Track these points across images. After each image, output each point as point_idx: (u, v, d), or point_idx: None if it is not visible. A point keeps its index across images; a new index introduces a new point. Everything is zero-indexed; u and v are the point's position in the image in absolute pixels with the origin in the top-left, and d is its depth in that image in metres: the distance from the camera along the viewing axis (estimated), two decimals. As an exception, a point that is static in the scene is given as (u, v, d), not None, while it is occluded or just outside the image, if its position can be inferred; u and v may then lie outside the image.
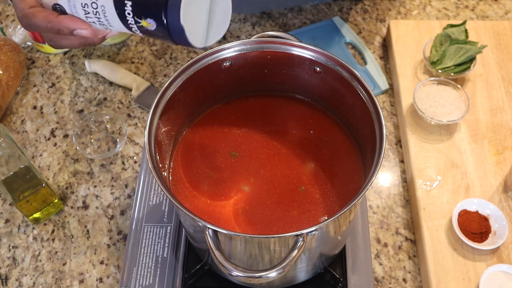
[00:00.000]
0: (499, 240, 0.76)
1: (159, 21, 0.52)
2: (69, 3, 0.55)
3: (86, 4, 0.54)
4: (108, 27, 0.56)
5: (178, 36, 0.52)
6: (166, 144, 0.69)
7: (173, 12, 0.51)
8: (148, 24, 0.52)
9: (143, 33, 0.54)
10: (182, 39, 0.53)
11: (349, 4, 1.12)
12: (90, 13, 0.55)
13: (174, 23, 0.51)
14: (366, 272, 0.75)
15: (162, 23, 0.52)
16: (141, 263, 0.76)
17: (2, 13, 1.13)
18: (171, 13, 0.51)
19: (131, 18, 0.53)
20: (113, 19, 0.54)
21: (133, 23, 0.53)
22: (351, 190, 0.67)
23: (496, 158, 0.86)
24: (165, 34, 0.53)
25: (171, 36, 0.52)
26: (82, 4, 0.55)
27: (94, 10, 0.54)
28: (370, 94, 0.64)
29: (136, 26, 0.53)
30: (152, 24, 0.52)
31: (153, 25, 0.52)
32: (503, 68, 0.97)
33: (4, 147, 0.71)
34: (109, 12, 0.54)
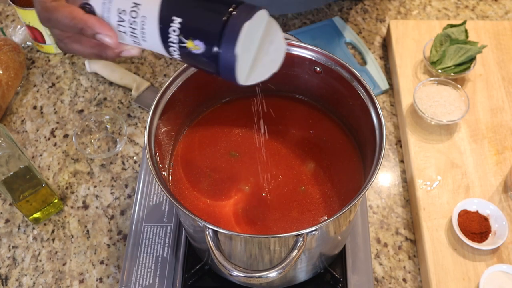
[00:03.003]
0: (499, 240, 0.76)
1: (210, 45, 0.46)
2: (104, 5, 0.50)
3: (124, 10, 0.49)
4: (140, 41, 0.50)
5: (225, 66, 0.47)
6: (166, 144, 0.69)
7: (230, 39, 0.45)
8: (195, 47, 0.47)
9: (182, 56, 0.49)
10: (228, 71, 0.47)
11: (349, 4, 1.12)
12: (125, 22, 0.49)
13: (227, 51, 0.45)
14: (366, 272, 0.75)
15: (212, 48, 0.46)
16: (141, 263, 0.76)
17: (2, 13, 1.13)
18: (227, 39, 0.45)
19: (175, 37, 0.47)
20: (151, 33, 0.49)
21: (175, 42, 0.48)
22: (351, 190, 0.67)
23: (496, 158, 0.86)
24: (210, 61, 0.47)
25: (217, 65, 0.47)
26: (119, 10, 0.49)
27: (132, 19, 0.49)
28: (370, 94, 0.64)
29: (178, 46, 0.48)
30: (200, 47, 0.46)
31: (200, 49, 0.47)
32: (503, 68, 0.97)
33: (4, 147, 0.71)
34: (150, 25, 0.48)
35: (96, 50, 0.52)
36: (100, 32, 0.49)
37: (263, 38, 0.49)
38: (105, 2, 0.50)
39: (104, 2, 0.50)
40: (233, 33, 0.45)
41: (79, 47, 0.53)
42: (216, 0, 0.47)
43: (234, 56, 0.46)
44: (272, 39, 0.50)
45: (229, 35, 0.45)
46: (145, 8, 0.48)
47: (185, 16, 0.47)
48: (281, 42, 0.51)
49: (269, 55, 0.50)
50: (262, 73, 0.51)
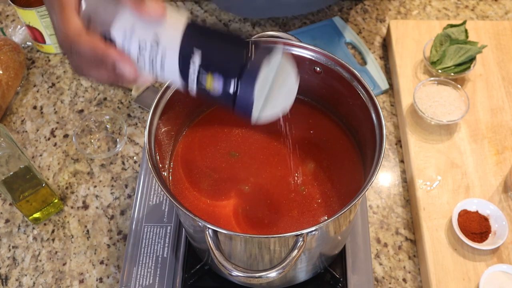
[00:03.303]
0: (499, 240, 0.76)
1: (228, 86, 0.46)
2: (125, 37, 0.50)
3: (145, 44, 0.49)
4: (157, 73, 0.50)
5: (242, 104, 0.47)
6: (166, 144, 0.69)
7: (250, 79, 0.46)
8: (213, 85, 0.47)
9: (199, 91, 0.49)
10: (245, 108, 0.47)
11: (349, 4, 1.12)
12: (145, 54, 0.49)
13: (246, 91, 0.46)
14: (366, 272, 0.75)
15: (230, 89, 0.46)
16: (141, 263, 0.76)
17: (2, 13, 1.13)
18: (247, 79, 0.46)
19: (195, 70, 0.47)
20: (171, 66, 0.49)
21: (194, 75, 0.48)
22: (351, 190, 0.67)
23: (496, 158, 0.86)
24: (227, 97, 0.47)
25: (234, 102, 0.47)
26: (139, 43, 0.49)
27: (152, 52, 0.49)
28: (370, 94, 0.64)
29: (197, 79, 0.48)
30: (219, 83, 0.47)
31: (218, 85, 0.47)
32: (503, 68, 0.97)
33: (4, 147, 0.71)
34: (170, 58, 0.48)
35: (113, 77, 0.53)
36: (120, 63, 0.50)
37: (278, 76, 0.49)
38: (127, 33, 0.50)
39: (126, 34, 0.50)
40: (252, 73, 0.46)
41: (96, 73, 0.53)
42: (235, 39, 0.48)
43: (252, 97, 0.46)
44: (285, 79, 0.50)
45: (248, 75, 0.46)
46: (166, 42, 0.48)
47: (206, 52, 0.47)
48: (293, 82, 0.51)
49: (282, 94, 0.51)
50: (274, 111, 0.51)
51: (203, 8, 1.11)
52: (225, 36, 0.48)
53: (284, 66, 0.50)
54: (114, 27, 0.50)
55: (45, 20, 0.98)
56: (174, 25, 0.49)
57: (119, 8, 0.50)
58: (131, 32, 0.49)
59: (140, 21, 0.49)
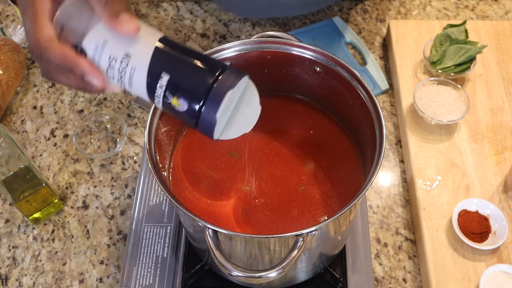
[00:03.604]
0: (499, 240, 0.76)
1: (193, 106, 0.48)
2: (96, 50, 0.51)
3: (115, 59, 0.50)
4: (126, 87, 0.52)
5: (205, 126, 0.49)
6: (166, 144, 0.69)
7: (213, 104, 0.48)
8: (179, 104, 0.49)
9: (165, 108, 0.51)
10: (207, 130, 0.49)
11: (349, 4, 1.12)
12: (115, 68, 0.50)
13: (209, 116, 0.48)
14: (366, 272, 0.75)
15: (195, 108, 0.48)
16: (141, 263, 0.76)
17: (2, 13, 1.13)
18: (211, 105, 0.48)
19: (161, 92, 0.49)
20: (139, 84, 0.50)
21: (160, 96, 0.49)
22: (351, 190, 0.67)
23: (496, 158, 0.86)
24: (191, 118, 0.49)
25: (197, 123, 0.49)
26: (110, 57, 0.50)
27: (122, 68, 0.50)
28: (370, 94, 0.64)
29: (162, 100, 0.50)
30: (184, 106, 0.49)
31: (183, 107, 0.49)
32: (503, 68, 0.97)
33: (4, 147, 0.71)
34: (138, 76, 0.50)
35: (81, 85, 0.53)
36: (89, 74, 0.51)
37: (241, 99, 0.51)
38: (98, 47, 0.51)
39: (97, 47, 0.51)
40: (216, 99, 0.47)
41: (65, 80, 0.54)
42: (204, 63, 0.49)
43: (215, 119, 0.48)
44: (249, 101, 0.52)
45: (212, 101, 0.48)
46: (135, 60, 0.49)
47: (173, 75, 0.49)
48: (257, 105, 0.53)
49: (244, 116, 0.52)
50: (235, 132, 0.53)
51: (203, 8, 1.11)
52: (195, 59, 0.50)
53: (248, 90, 0.52)
54: (86, 39, 0.51)
55: (45, 20, 0.98)
56: (145, 44, 0.50)
57: (93, 20, 0.51)
58: (102, 46, 0.50)
59: (113, 35, 0.50)
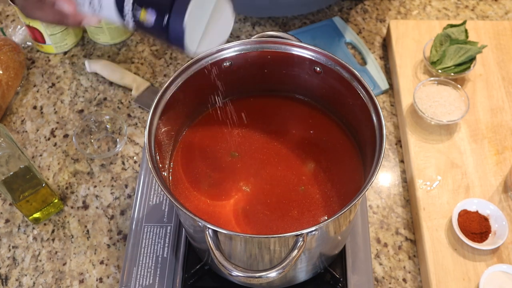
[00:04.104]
0: (499, 240, 0.76)
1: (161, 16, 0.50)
2: None
3: None
4: (97, 11, 0.54)
5: (175, 36, 0.51)
6: (166, 144, 0.69)
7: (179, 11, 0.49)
8: (147, 19, 0.51)
9: (136, 25, 0.52)
10: (178, 40, 0.51)
11: (349, 4, 1.12)
12: None
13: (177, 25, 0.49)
14: (366, 272, 0.75)
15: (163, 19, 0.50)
16: (141, 263, 0.76)
17: (2, 13, 1.13)
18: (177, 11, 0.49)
19: (129, 8, 0.51)
20: (108, 5, 0.52)
21: (129, 12, 0.51)
22: (351, 190, 0.67)
23: (496, 158, 0.86)
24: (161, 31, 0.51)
25: (168, 34, 0.51)
26: None
27: None
28: (370, 94, 0.64)
29: (132, 16, 0.52)
30: (152, 17, 0.50)
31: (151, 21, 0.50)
32: (503, 68, 0.97)
33: (4, 147, 0.71)
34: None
35: (57, 17, 0.56)
36: (60, 2, 0.53)
37: (213, 10, 0.52)
38: None
39: None
40: (182, 5, 0.49)
41: (41, 14, 0.56)
42: None
43: (183, 27, 0.50)
44: (221, 12, 0.53)
45: (178, 7, 0.49)
46: None
47: None
48: (229, 15, 0.55)
49: (218, 27, 0.54)
50: (211, 43, 0.55)
51: (203, 8, 1.11)
52: None
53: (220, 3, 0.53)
54: None
55: (45, 20, 0.98)
56: None
57: None
58: None
59: None
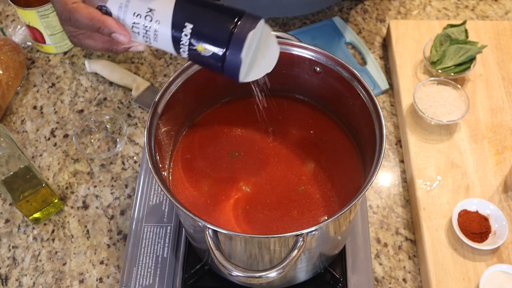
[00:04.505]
0: (499, 240, 0.76)
1: (218, 50, 0.52)
2: (120, 9, 0.55)
3: (139, 14, 0.54)
4: (151, 42, 0.55)
5: (230, 68, 0.53)
6: (166, 144, 0.69)
7: (237, 45, 0.51)
8: (204, 50, 0.52)
9: (190, 56, 0.54)
10: (232, 72, 0.53)
11: (349, 4, 1.12)
12: (139, 24, 0.54)
13: (234, 57, 0.52)
14: (366, 272, 0.75)
15: (220, 52, 0.52)
16: (141, 263, 0.76)
17: (2, 13, 1.13)
18: (235, 45, 0.51)
19: (187, 40, 0.53)
20: (164, 36, 0.54)
21: (186, 44, 0.53)
22: (351, 190, 0.67)
23: (496, 158, 0.86)
24: (217, 63, 0.53)
25: (223, 66, 0.53)
26: (134, 14, 0.54)
27: (146, 22, 0.54)
28: (370, 94, 0.64)
29: (188, 49, 0.53)
30: (209, 51, 0.52)
31: (208, 52, 0.52)
32: (503, 68, 0.97)
33: (4, 147, 0.71)
34: (163, 29, 0.53)
35: (107, 45, 0.58)
36: (116, 32, 0.55)
37: (260, 42, 0.55)
38: (122, 6, 0.55)
39: (121, 6, 0.55)
40: (239, 40, 0.51)
41: (91, 42, 0.58)
42: (224, 9, 0.53)
43: (239, 60, 0.52)
44: (268, 44, 0.56)
45: (236, 42, 0.51)
46: (159, 14, 0.53)
47: (197, 23, 0.53)
48: (275, 47, 0.57)
49: (265, 58, 0.56)
50: (258, 73, 0.57)
51: (203, 8, 1.11)
52: (213, 7, 0.53)
53: (265, 32, 0.55)
54: (110, 1, 0.55)
55: (45, 20, 0.98)
56: None
57: None
58: (126, 4, 0.54)
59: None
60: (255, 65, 0.56)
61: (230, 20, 0.52)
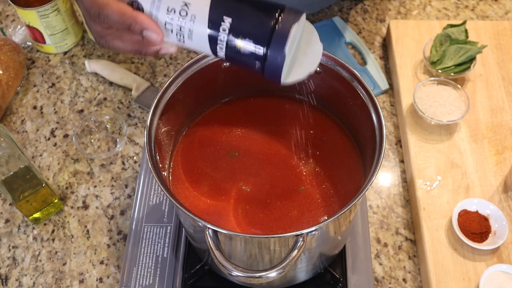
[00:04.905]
0: (499, 240, 0.76)
1: (259, 46, 0.47)
2: (153, 3, 0.51)
3: (173, 9, 0.50)
4: (185, 41, 0.51)
5: (272, 66, 0.48)
6: (166, 144, 0.69)
7: (280, 41, 0.47)
8: (244, 47, 0.48)
9: (228, 54, 0.50)
10: (274, 70, 0.49)
11: (349, 4, 1.12)
12: (174, 20, 0.50)
13: (276, 53, 0.47)
14: (366, 272, 0.75)
15: (261, 48, 0.48)
16: (141, 263, 0.76)
17: (2, 13, 1.13)
18: (277, 41, 0.47)
19: (225, 35, 0.48)
20: (199, 33, 0.49)
21: (224, 40, 0.49)
22: (351, 190, 0.67)
23: (496, 158, 0.86)
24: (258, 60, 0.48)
25: (264, 64, 0.48)
26: (168, 8, 0.50)
27: (181, 18, 0.50)
28: (370, 94, 0.64)
29: (226, 45, 0.49)
30: (249, 47, 0.48)
31: (248, 49, 0.48)
32: (503, 68, 0.97)
33: (4, 147, 0.71)
34: (199, 24, 0.49)
35: (137, 47, 0.53)
36: (148, 28, 0.51)
37: (302, 38, 0.51)
38: (155, 0, 0.51)
39: (154, 1, 0.51)
40: (283, 35, 0.47)
41: (120, 43, 0.54)
42: (263, 3, 0.49)
43: (283, 57, 0.47)
44: (310, 41, 0.52)
45: (279, 36, 0.47)
46: (195, 7, 0.49)
47: (236, 17, 0.48)
48: (318, 44, 0.53)
49: (307, 56, 0.52)
50: (300, 73, 0.52)
51: (203, 8, 1.11)
52: (252, 2, 0.49)
53: (307, 28, 0.51)
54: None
55: (45, 20, 0.98)
56: None
57: None
58: (159, 0, 0.50)
59: None
60: (297, 64, 0.51)
61: (271, 13, 0.48)
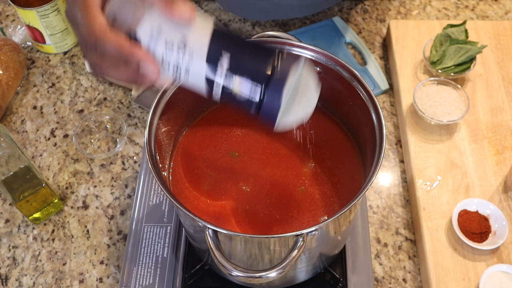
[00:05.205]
0: (499, 240, 0.76)
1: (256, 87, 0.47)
2: (151, 38, 0.49)
3: (171, 44, 0.48)
4: (181, 76, 0.50)
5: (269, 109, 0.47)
6: (166, 144, 0.69)
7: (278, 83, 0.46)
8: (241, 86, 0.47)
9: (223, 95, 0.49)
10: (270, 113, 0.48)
11: (349, 4, 1.12)
12: (172, 55, 0.49)
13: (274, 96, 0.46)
14: (366, 272, 0.75)
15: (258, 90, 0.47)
16: (141, 263, 0.76)
17: (2, 13, 1.13)
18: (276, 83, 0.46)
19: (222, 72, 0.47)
20: (197, 69, 0.48)
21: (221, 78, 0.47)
22: (351, 190, 0.67)
23: (496, 158, 0.86)
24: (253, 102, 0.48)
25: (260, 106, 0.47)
26: (166, 43, 0.48)
27: (179, 53, 0.48)
28: (370, 94, 0.64)
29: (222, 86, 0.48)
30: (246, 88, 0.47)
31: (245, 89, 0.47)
32: (503, 68, 0.97)
33: (4, 147, 0.71)
34: (196, 60, 0.48)
35: (132, 78, 0.52)
36: (145, 64, 0.49)
37: (298, 86, 0.50)
38: (153, 34, 0.49)
39: (152, 34, 0.49)
40: (281, 76, 0.46)
41: (115, 73, 0.52)
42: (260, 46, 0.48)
43: (280, 98, 0.47)
44: (307, 85, 0.51)
45: (277, 79, 0.46)
46: (193, 44, 0.48)
47: (234, 56, 0.47)
48: (314, 93, 0.52)
49: (303, 100, 0.51)
50: (293, 120, 0.51)
51: (203, 8, 1.11)
52: (251, 43, 0.49)
53: (305, 75, 0.51)
54: (141, 27, 0.49)
55: (45, 20, 0.98)
56: (202, 28, 0.48)
57: (147, 8, 0.49)
58: (158, 33, 0.49)
59: (168, 22, 0.48)
60: (292, 110, 0.50)
61: (271, 55, 0.47)
